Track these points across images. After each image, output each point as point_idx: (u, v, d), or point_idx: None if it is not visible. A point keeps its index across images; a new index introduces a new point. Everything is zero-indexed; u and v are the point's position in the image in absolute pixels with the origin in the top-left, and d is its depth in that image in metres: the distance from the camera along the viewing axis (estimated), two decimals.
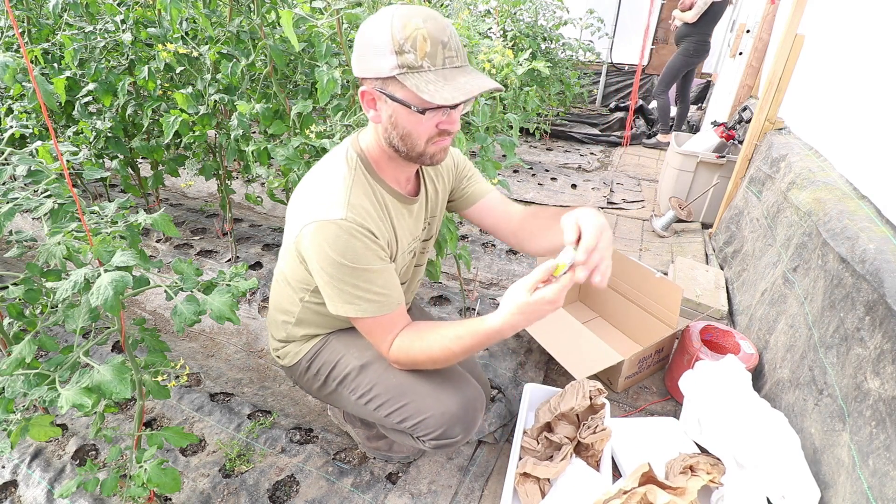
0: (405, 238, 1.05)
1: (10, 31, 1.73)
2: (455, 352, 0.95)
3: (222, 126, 1.84)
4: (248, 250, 2.41)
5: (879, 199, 1.39)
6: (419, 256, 1.21)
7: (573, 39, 4.25)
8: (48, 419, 0.98)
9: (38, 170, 0.98)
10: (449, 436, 1.07)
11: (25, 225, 2.64)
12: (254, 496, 1.26)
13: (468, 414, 1.07)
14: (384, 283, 0.95)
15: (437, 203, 1.16)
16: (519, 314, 0.86)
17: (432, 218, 1.17)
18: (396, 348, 1.00)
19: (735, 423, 1.25)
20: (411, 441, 1.15)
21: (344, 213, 0.89)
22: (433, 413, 1.04)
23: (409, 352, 0.99)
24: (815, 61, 2.10)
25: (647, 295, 1.73)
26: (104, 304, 0.76)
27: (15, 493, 1.26)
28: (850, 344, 1.15)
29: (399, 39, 0.80)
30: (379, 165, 0.99)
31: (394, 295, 0.97)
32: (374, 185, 0.98)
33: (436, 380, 1.08)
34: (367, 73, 0.85)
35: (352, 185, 0.94)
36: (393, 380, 1.08)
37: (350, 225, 0.89)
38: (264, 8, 1.60)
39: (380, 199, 0.98)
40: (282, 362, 1.22)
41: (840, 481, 1.07)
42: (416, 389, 1.06)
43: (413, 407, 1.06)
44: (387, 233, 0.98)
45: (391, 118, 0.88)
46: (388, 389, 1.08)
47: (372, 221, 0.93)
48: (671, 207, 2.79)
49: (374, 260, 0.92)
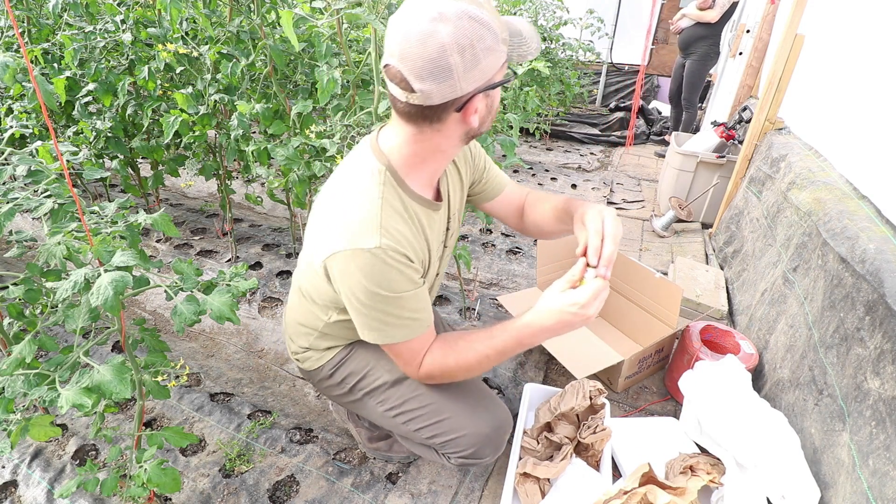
0: (435, 244, 1.02)
1: (10, 31, 1.73)
2: (490, 356, 0.93)
3: (222, 126, 1.84)
4: (248, 250, 2.41)
5: (879, 199, 1.39)
6: (441, 265, 1.16)
7: (573, 39, 4.25)
8: (48, 419, 0.98)
9: (38, 170, 0.98)
10: (478, 456, 1.08)
11: (25, 225, 2.64)
12: (254, 496, 1.26)
13: (499, 436, 1.08)
14: (416, 307, 0.91)
15: (458, 197, 1.11)
16: (548, 313, 0.86)
17: (452, 217, 1.11)
18: (429, 364, 0.97)
19: (735, 423, 1.25)
20: (435, 456, 1.16)
21: (378, 240, 0.83)
22: (467, 432, 1.05)
23: (443, 366, 0.96)
24: (815, 61, 2.09)
25: (647, 295, 1.73)
26: (104, 304, 0.76)
27: (15, 493, 1.26)
28: (850, 344, 1.15)
29: (495, 27, 0.75)
30: (412, 174, 0.92)
31: (424, 317, 0.94)
32: (403, 198, 0.91)
33: (470, 400, 1.08)
34: (474, 82, 0.76)
35: (382, 204, 0.86)
36: (428, 397, 1.07)
37: (385, 253, 0.84)
38: (264, 8, 1.60)
39: (411, 214, 0.92)
40: (301, 366, 1.21)
41: (840, 481, 1.07)
42: (451, 408, 1.06)
43: (447, 425, 1.06)
44: (420, 251, 0.94)
45: (490, 106, 0.85)
46: (422, 406, 1.07)
47: (407, 244, 0.88)
48: (671, 207, 2.79)
49: (408, 285, 0.89)
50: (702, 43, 3.84)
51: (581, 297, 0.83)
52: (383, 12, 1.33)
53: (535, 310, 0.88)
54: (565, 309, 0.84)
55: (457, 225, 1.14)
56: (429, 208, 0.97)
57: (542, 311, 0.87)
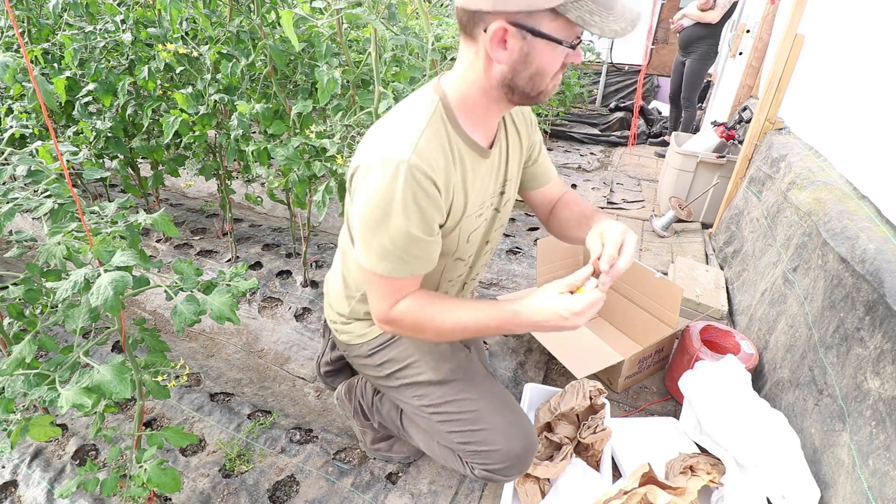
0: (478, 196, 0.95)
1: (10, 31, 1.73)
2: (468, 328, 0.90)
3: (222, 126, 1.84)
4: (248, 250, 2.41)
5: (879, 199, 1.39)
6: (489, 230, 1.08)
7: None
8: (48, 419, 0.98)
9: (38, 170, 0.98)
10: (505, 473, 1.07)
11: (25, 225, 2.64)
12: (254, 496, 1.26)
13: (528, 457, 1.07)
14: (421, 253, 0.87)
15: (516, 162, 1.05)
16: (541, 310, 0.84)
17: (508, 181, 1.05)
18: (403, 310, 0.92)
19: (735, 423, 1.25)
20: (457, 463, 1.15)
21: (408, 154, 0.80)
22: (501, 448, 1.04)
23: (417, 317, 0.91)
24: (815, 61, 2.09)
25: (647, 295, 1.73)
26: (104, 304, 0.76)
27: (15, 493, 1.26)
28: (850, 344, 1.15)
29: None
30: (464, 112, 0.88)
31: (423, 263, 0.90)
32: (451, 133, 0.87)
33: (510, 416, 1.07)
34: (510, 5, 0.72)
35: (425, 128, 0.84)
36: (470, 403, 1.07)
37: (410, 170, 0.80)
38: (264, 8, 1.60)
39: (455, 151, 0.88)
40: (339, 338, 1.18)
41: (840, 481, 1.07)
42: (491, 420, 1.06)
43: (483, 435, 1.05)
44: (453, 191, 0.88)
45: (526, 56, 0.78)
46: (462, 411, 1.07)
47: (441, 172, 0.84)
48: (671, 207, 2.79)
49: (420, 222, 0.84)
50: (702, 42, 3.85)
51: (576, 305, 0.82)
52: (383, 12, 1.33)
53: (528, 303, 0.86)
54: (559, 312, 0.83)
55: (513, 192, 1.08)
56: (477, 153, 0.92)
57: (536, 306, 0.85)
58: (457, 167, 0.88)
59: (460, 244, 0.99)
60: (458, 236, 0.96)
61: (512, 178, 1.05)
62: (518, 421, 1.08)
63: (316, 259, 2.33)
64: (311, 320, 1.97)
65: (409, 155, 0.80)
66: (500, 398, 1.10)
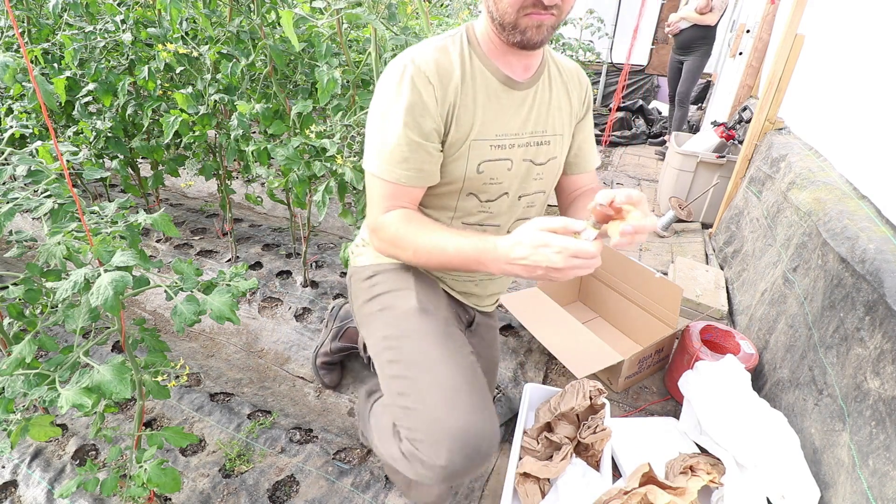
0: (495, 124, 0.92)
1: (10, 31, 1.73)
2: (446, 253, 0.84)
3: (222, 126, 1.84)
4: (248, 250, 2.41)
5: (879, 199, 1.39)
6: (523, 181, 1.00)
7: (573, 39, 4.25)
8: (48, 419, 0.98)
9: (38, 170, 0.98)
10: (427, 456, 0.83)
11: (25, 225, 2.64)
12: (254, 496, 1.26)
13: (467, 447, 0.82)
14: (413, 156, 0.87)
15: (561, 121, 1.01)
16: (518, 244, 0.75)
17: (546, 133, 0.99)
18: (388, 220, 0.90)
19: (735, 423, 1.25)
20: (395, 445, 0.92)
21: (415, 54, 0.87)
22: (435, 414, 0.85)
23: (398, 230, 0.89)
24: (815, 61, 2.10)
25: (647, 295, 1.73)
26: (104, 304, 0.76)
27: (15, 493, 1.26)
28: (850, 344, 1.15)
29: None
30: (488, 44, 0.91)
31: (418, 172, 0.89)
32: (470, 54, 0.91)
33: (466, 386, 0.88)
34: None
35: (442, 45, 0.90)
36: (429, 349, 0.92)
37: (413, 63, 0.86)
38: (264, 8, 1.60)
39: (470, 68, 0.90)
40: (353, 262, 1.15)
41: (840, 481, 1.07)
42: (440, 375, 0.88)
43: (422, 386, 0.88)
44: (456, 100, 0.88)
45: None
46: (417, 351, 0.93)
47: (442, 72, 0.87)
48: (671, 207, 2.79)
49: (410, 113, 0.85)
50: (701, 42, 3.91)
51: (561, 243, 0.71)
52: (383, 12, 1.33)
53: (508, 236, 0.78)
54: (538, 248, 0.73)
55: (557, 151, 1.03)
56: (499, 80, 0.92)
57: (515, 239, 0.76)
58: (468, 81, 0.89)
59: (468, 173, 0.93)
60: (467, 163, 0.92)
61: (555, 133, 1.00)
62: (475, 398, 0.87)
63: (316, 259, 2.33)
64: (311, 320, 1.97)
65: (415, 55, 0.87)
66: (465, 368, 0.92)
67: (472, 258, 0.83)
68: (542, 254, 0.73)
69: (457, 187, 0.96)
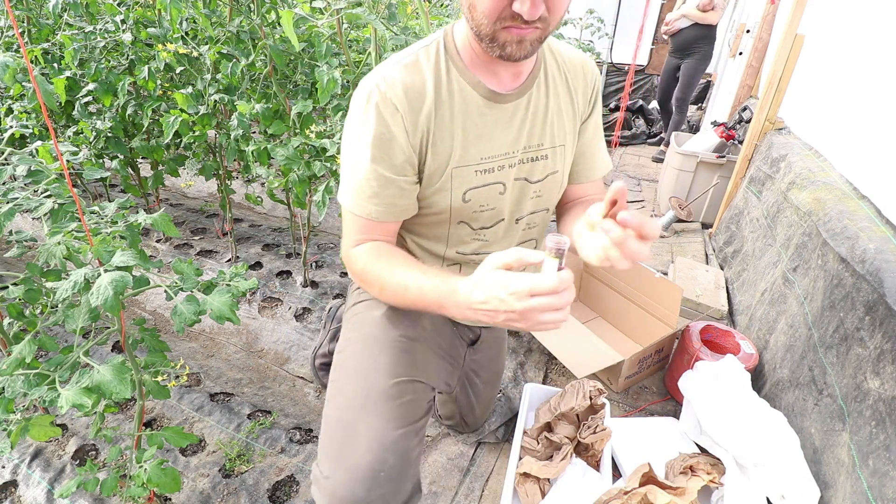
0: (480, 147, 0.82)
1: (10, 31, 1.73)
2: (409, 292, 0.76)
3: (222, 126, 1.84)
4: (248, 250, 2.41)
5: (879, 199, 1.39)
6: (516, 203, 0.90)
7: (573, 39, 4.25)
8: (48, 419, 0.98)
9: (38, 170, 0.98)
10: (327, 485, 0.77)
11: (25, 225, 2.64)
12: (254, 496, 1.26)
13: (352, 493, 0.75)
14: (382, 191, 0.79)
15: (562, 128, 0.89)
16: (479, 287, 0.65)
17: (542, 146, 0.87)
18: (359, 252, 0.84)
19: (735, 423, 1.25)
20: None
21: (379, 77, 0.77)
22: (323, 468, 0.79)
23: (367, 263, 0.82)
24: (815, 61, 2.09)
25: (647, 295, 1.73)
26: (104, 304, 0.76)
27: (15, 493, 1.26)
28: (850, 344, 1.15)
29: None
30: (469, 53, 0.80)
31: (388, 207, 0.81)
32: (450, 72, 0.79)
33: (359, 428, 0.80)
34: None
35: (413, 62, 0.79)
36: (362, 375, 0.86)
37: (377, 90, 0.76)
38: (264, 8, 1.60)
39: (448, 84, 0.79)
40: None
41: (840, 481, 1.07)
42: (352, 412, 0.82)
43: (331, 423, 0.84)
44: (430, 126, 0.79)
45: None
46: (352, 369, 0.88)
47: (407, 100, 0.76)
48: (671, 207, 2.79)
49: (377, 149, 0.77)
50: (702, 43, 3.70)
51: (511, 284, 0.60)
52: (383, 12, 1.33)
53: (471, 278, 0.67)
54: (492, 288, 0.62)
55: (558, 165, 0.90)
56: (484, 96, 0.80)
57: (475, 282, 0.66)
58: (444, 102, 0.79)
59: (454, 202, 0.85)
60: (450, 192, 0.84)
61: (554, 145, 0.88)
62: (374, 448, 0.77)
63: (316, 259, 2.33)
64: (311, 320, 1.97)
65: (381, 78, 0.77)
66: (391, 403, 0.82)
67: (433, 302, 0.72)
68: (498, 297, 0.62)
69: (445, 217, 0.88)
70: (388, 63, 0.79)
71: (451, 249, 0.94)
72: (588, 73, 0.91)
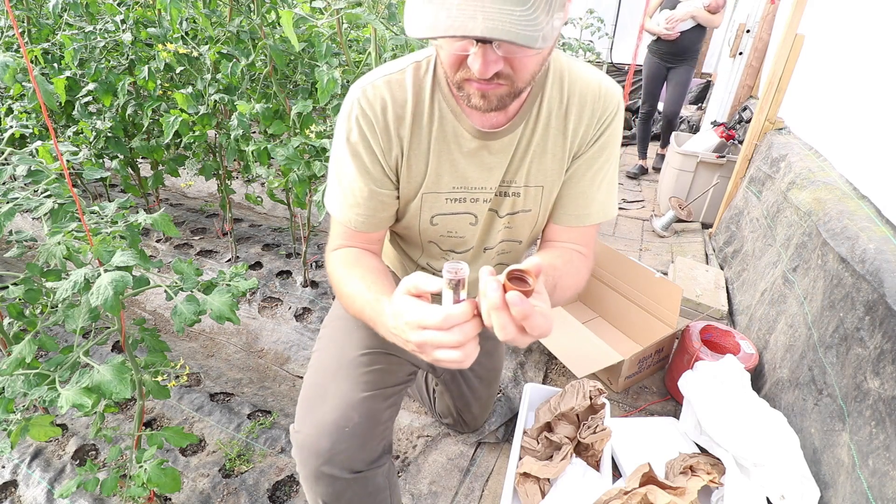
0: (452, 174, 0.80)
1: (10, 31, 1.73)
2: (354, 303, 0.75)
3: (222, 126, 1.84)
4: (248, 250, 2.41)
5: (879, 199, 1.40)
6: (485, 232, 0.88)
7: (573, 39, 4.24)
8: (48, 419, 0.98)
9: (38, 170, 0.98)
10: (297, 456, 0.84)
11: (25, 225, 2.64)
12: (254, 496, 1.26)
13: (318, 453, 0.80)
14: (363, 201, 0.79)
15: (550, 164, 0.81)
16: (393, 313, 0.60)
17: (515, 184, 0.82)
18: (335, 257, 0.84)
19: (735, 423, 1.25)
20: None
21: (359, 94, 0.75)
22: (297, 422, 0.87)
23: (336, 268, 0.81)
24: (815, 61, 2.10)
25: (647, 295, 1.73)
26: (104, 304, 0.76)
27: (15, 493, 1.26)
28: (849, 344, 1.15)
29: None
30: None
31: (367, 218, 0.81)
32: (435, 97, 0.76)
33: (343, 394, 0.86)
34: None
35: (398, 80, 0.75)
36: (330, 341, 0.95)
37: (358, 107, 0.75)
38: (264, 8, 1.60)
39: (428, 113, 0.76)
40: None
41: (840, 481, 1.07)
42: (325, 375, 0.90)
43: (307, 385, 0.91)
44: (406, 143, 0.77)
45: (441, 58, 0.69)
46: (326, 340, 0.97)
47: (384, 120, 0.75)
48: (671, 207, 2.79)
49: (355, 158, 0.77)
50: (697, 47, 3.39)
51: (408, 313, 0.56)
52: (383, 12, 1.33)
53: (392, 302, 0.62)
54: (397, 317, 0.59)
55: (529, 203, 0.84)
56: (464, 128, 0.76)
57: (391, 309, 0.62)
58: (424, 125, 0.76)
59: (422, 224, 0.85)
60: (419, 213, 0.84)
61: (529, 184, 0.82)
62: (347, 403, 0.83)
63: (316, 259, 2.33)
64: (311, 320, 1.97)
65: (362, 92, 0.75)
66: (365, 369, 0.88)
67: (370, 319, 0.71)
68: (399, 326, 0.59)
69: (415, 232, 0.88)
70: (376, 74, 0.77)
71: (423, 259, 0.96)
72: (597, 106, 0.79)
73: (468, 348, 0.54)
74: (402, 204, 0.84)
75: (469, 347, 0.54)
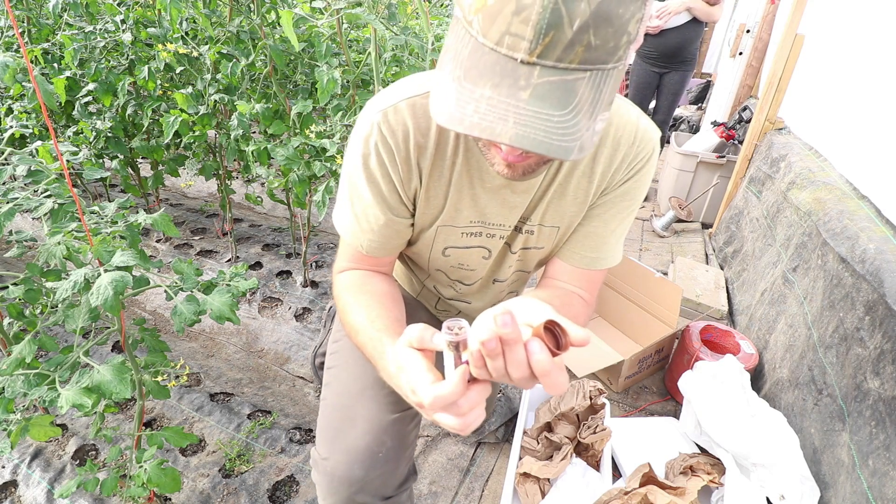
0: (471, 208, 0.76)
1: (10, 31, 1.73)
2: (358, 334, 0.72)
3: (222, 126, 1.84)
4: (248, 250, 2.41)
5: (879, 199, 1.40)
6: (497, 265, 0.87)
7: None
8: (48, 419, 0.98)
9: (38, 170, 0.98)
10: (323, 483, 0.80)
11: (25, 225, 2.64)
12: (254, 496, 1.26)
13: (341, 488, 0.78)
14: (374, 225, 0.75)
15: (570, 207, 0.77)
16: (400, 371, 0.55)
17: (531, 222, 0.78)
18: (341, 279, 0.80)
19: (734, 423, 1.25)
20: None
21: (378, 118, 0.67)
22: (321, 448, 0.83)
23: (342, 292, 0.78)
24: (815, 61, 2.10)
25: (647, 295, 1.73)
26: (104, 304, 0.76)
27: (15, 493, 1.26)
28: (849, 344, 1.15)
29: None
30: None
31: (379, 243, 0.77)
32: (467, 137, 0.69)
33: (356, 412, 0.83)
34: None
35: (423, 104, 0.67)
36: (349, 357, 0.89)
37: (377, 133, 0.68)
38: (264, 8, 1.60)
39: (453, 146, 0.70)
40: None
41: (840, 481, 1.07)
42: (350, 399, 0.85)
43: (326, 411, 0.88)
44: (426, 173, 0.72)
45: None
46: (347, 362, 0.90)
47: (405, 149, 0.69)
48: (671, 207, 2.79)
49: (370, 182, 0.72)
50: (693, 47, 2.94)
51: (407, 373, 0.52)
52: (383, 12, 1.33)
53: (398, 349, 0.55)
54: (399, 379, 0.56)
55: (543, 241, 0.81)
56: (493, 176, 0.71)
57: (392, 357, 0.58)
58: (447, 157, 0.71)
59: (433, 254, 0.83)
60: (432, 244, 0.81)
61: (544, 224, 0.79)
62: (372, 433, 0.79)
63: (316, 259, 2.33)
64: (311, 320, 1.97)
65: (381, 114, 0.68)
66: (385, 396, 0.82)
67: (372, 358, 0.67)
68: (400, 387, 0.56)
69: (424, 259, 0.86)
70: (398, 95, 0.69)
71: (430, 282, 0.95)
72: (634, 148, 0.72)
73: (469, 417, 0.49)
74: (415, 231, 0.81)
75: (471, 416, 0.49)
